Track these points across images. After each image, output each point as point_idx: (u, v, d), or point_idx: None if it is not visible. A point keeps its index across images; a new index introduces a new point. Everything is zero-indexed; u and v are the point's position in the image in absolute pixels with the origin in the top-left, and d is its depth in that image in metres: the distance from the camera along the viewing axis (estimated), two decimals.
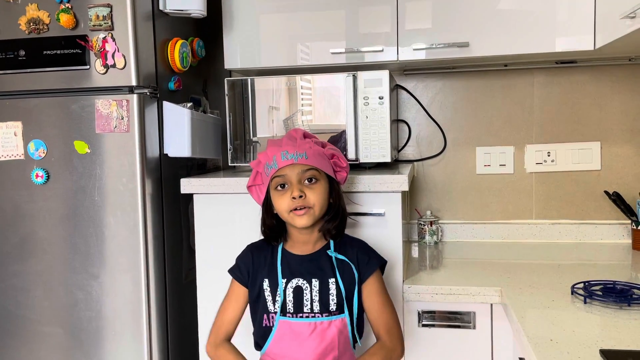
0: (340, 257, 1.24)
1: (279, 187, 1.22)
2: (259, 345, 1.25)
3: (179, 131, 1.57)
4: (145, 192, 1.52)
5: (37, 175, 1.55)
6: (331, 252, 1.24)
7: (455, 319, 1.46)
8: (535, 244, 1.93)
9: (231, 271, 1.30)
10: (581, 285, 1.35)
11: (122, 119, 1.50)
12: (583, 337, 1.06)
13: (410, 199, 2.04)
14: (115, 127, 1.51)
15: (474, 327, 1.45)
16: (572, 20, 1.60)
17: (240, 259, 1.31)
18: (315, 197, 1.20)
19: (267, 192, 1.25)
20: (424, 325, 1.48)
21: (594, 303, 1.25)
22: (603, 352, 0.97)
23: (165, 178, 1.61)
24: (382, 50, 1.70)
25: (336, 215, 1.25)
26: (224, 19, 1.79)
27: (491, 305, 1.43)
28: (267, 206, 1.27)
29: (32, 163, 1.56)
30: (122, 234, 1.52)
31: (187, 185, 1.55)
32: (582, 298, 1.27)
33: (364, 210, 1.47)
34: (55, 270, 1.57)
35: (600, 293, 1.28)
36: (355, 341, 1.24)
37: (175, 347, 1.64)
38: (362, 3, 1.71)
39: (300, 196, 1.18)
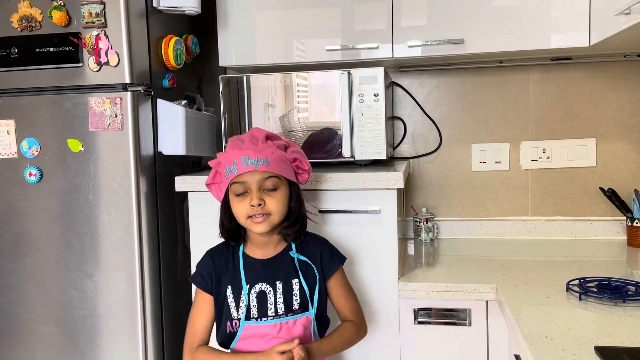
0: (303, 258, 1.25)
1: (238, 193, 1.20)
2: (224, 345, 1.25)
3: (174, 129, 1.56)
4: (140, 191, 1.51)
5: (30, 174, 1.54)
6: (293, 254, 1.25)
7: (451, 316, 1.47)
8: (531, 240, 1.93)
9: (193, 279, 1.28)
10: (576, 282, 1.35)
11: (116, 116, 1.49)
12: (578, 333, 1.06)
13: (405, 196, 2.03)
14: (109, 125, 1.50)
15: (470, 324, 1.45)
16: (567, 16, 1.60)
17: (200, 266, 1.28)
18: (275, 205, 1.19)
19: (227, 196, 1.24)
20: (419, 323, 1.48)
21: (589, 300, 1.25)
22: (598, 349, 0.97)
23: (160, 176, 1.61)
24: (378, 47, 1.70)
25: (295, 222, 1.25)
26: (218, 16, 1.78)
27: (487, 302, 1.44)
28: (226, 209, 1.25)
29: (26, 161, 1.55)
30: (116, 232, 1.52)
31: (182, 183, 1.55)
32: (577, 295, 1.27)
33: (360, 208, 1.47)
34: (49, 268, 1.56)
35: (595, 290, 1.28)
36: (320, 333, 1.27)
37: (171, 345, 1.64)
38: (358, 0, 1.71)
39: (260, 204, 1.17)
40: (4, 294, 1.59)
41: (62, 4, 1.49)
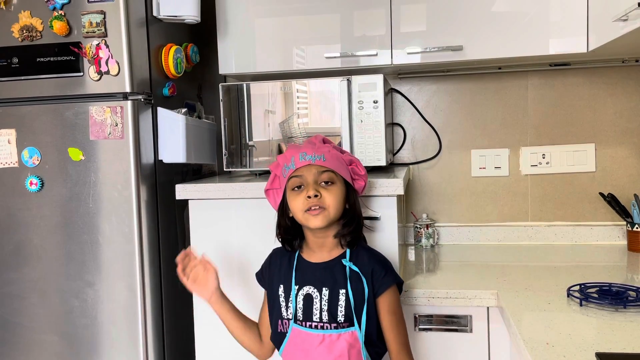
0: (355, 268, 1.22)
1: (295, 188, 1.22)
2: (276, 345, 1.28)
3: (174, 137, 1.57)
4: (140, 199, 1.52)
5: (31, 183, 1.55)
6: (346, 262, 1.23)
7: (452, 323, 1.46)
8: (531, 246, 1.93)
9: (256, 275, 1.35)
10: (577, 287, 1.35)
11: (117, 125, 1.50)
12: (579, 340, 1.06)
13: (406, 202, 2.04)
14: (110, 133, 1.50)
15: (471, 331, 1.45)
16: (566, 22, 1.61)
17: (264, 262, 1.34)
18: (331, 198, 1.19)
19: (284, 195, 1.26)
20: (420, 330, 1.48)
21: (590, 305, 1.25)
22: (599, 355, 0.97)
23: (160, 184, 1.61)
24: (377, 54, 1.70)
25: (351, 221, 1.24)
26: (218, 24, 1.79)
27: (487, 308, 1.43)
28: (283, 208, 1.27)
29: (26, 170, 1.56)
30: (117, 240, 1.52)
31: (182, 191, 1.55)
32: (578, 301, 1.27)
33: None
34: (50, 277, 1.56)
35: (596, 295, 1.28)
36: (373, 358, 1.23)
37: (172, 354, 1.63)
38: (357, 7, 1.72)
39: (316, 196, 1.18)
40: (5, 303, 1.59)
41: (63, 14, 1.50)
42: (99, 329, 1.54)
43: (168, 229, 1.65)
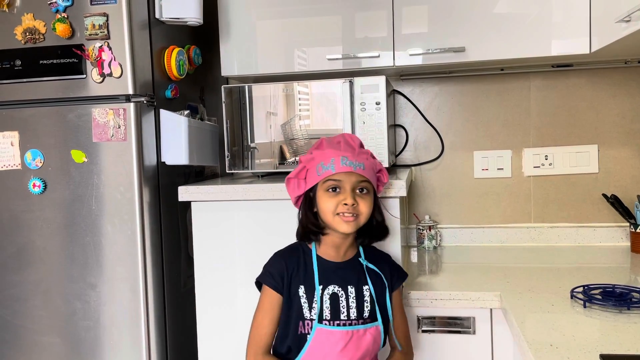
0: (372, 267, 1.27)
1: (330, 190, 1.22)
2: (290, 353, 1.23)
3: (176, 139, 1.57)
4: (143, 201, 1.52)
5: (34, 185, 1.55)
6: (363, 261, 1.27)
7: (455, 325, 1.46)
8: (534, 247, 1.93)
9: (263, 279, 1.26)
10: (580, 289, 1.34)
11: (119, 127, 1.50)
12: (583, 341, 1.05)
13: (408, 204, 2.03)
14: (112, 135, 1.51)
15: (474, 333, 1.45)
16: (568, 24, 1.61)
17: (271, 266, 1.28)
18: (365, 207, 1.22)
19: (312, 190, 1.25)
20: (423, 331, 1.47)
21: (594, 307, 1.24)
22: (603, 357, 0.97)
23: (163, 186, 1.61)
24: (379, 56, 1.70)
25: (375, 227, 1.29)
26: (220, 26, 1.79)
27: (491, 310, 1.43)
28: (310, 204, 1.27)
29: (29, 173, 1.56)
30: (119, 242, 1.52)
31: (185, 193, 1.55)
32: (582, 302, 1.26)
33: None
34: (52, 279, 1.56)
35: (599, 297, 1.28)
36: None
37: (175, 356, 1.63)
38: (359, 8, 1.72)
39: (353, 204, 1.20)
40: (8, 305, 1.60)
41: (66, 17, 1.50)
42: (102, 331, 1.54)
43: (171, 231, 1.65)
